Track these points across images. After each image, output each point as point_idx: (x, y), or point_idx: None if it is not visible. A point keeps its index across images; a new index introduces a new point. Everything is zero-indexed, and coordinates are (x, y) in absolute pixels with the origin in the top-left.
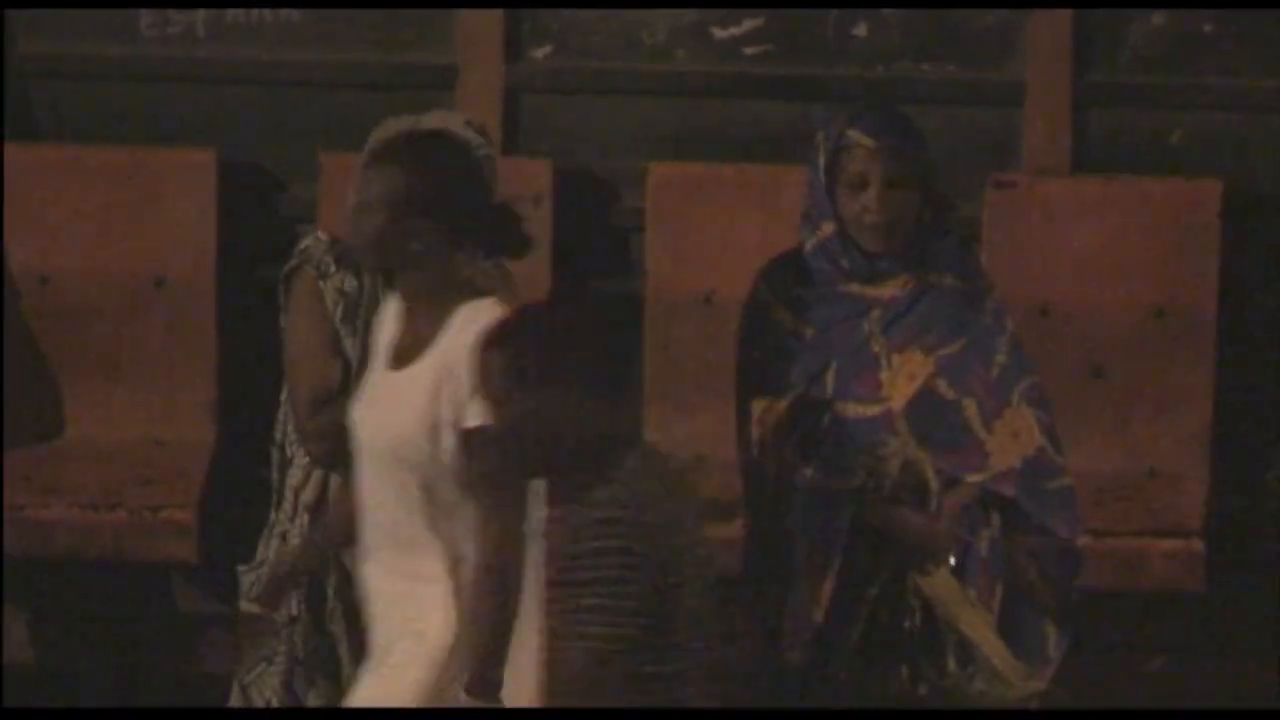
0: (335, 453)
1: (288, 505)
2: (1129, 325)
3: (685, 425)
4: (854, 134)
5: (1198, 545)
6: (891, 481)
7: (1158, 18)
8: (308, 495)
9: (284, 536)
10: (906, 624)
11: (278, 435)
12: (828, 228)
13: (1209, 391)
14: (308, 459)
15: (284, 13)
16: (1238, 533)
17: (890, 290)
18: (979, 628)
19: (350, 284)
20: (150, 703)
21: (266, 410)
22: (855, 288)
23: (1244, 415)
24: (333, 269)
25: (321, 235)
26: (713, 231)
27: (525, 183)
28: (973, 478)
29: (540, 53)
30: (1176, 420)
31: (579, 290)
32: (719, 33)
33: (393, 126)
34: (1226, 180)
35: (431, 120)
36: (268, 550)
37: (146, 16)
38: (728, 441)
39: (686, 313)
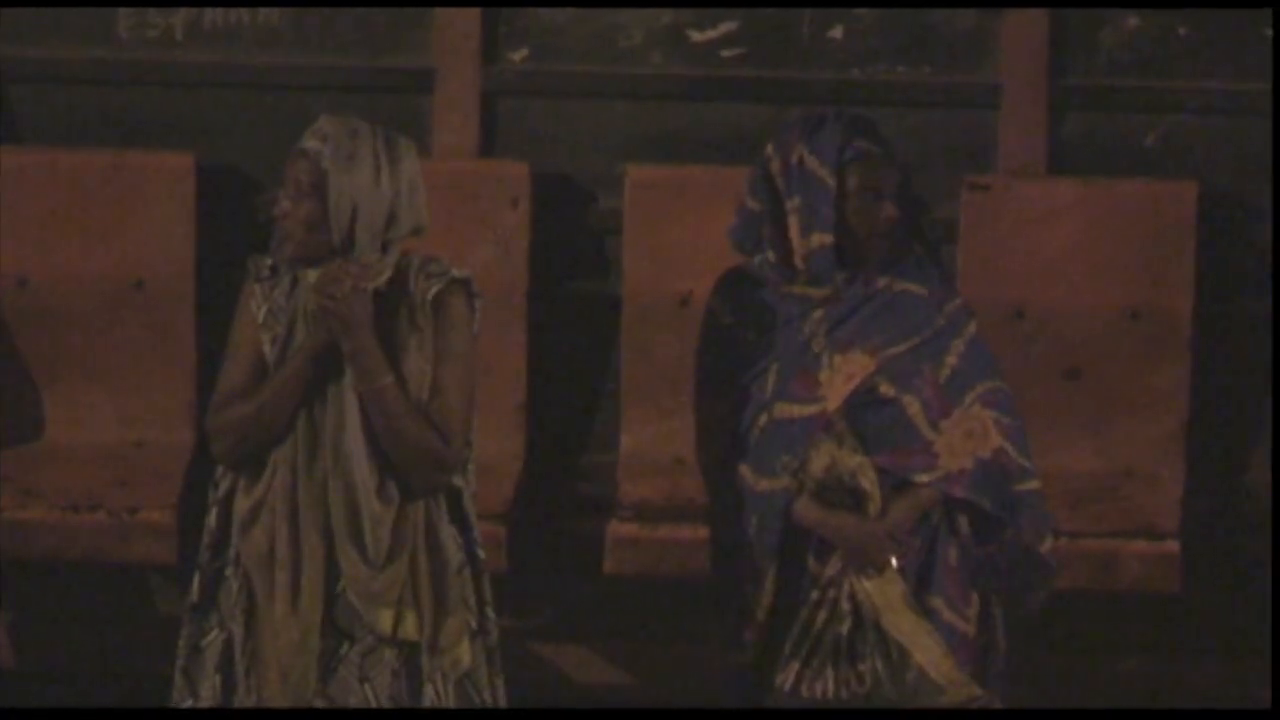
0: (234, 453)
1: (210, 496)
2: (1104, 327)
3: (662, 427)
4: (863, 144)
5: (1173, 546)
6: (815, 482)
7: (1133, 20)
8: (221, 488)
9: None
10: (837, 629)
11: None
12: (824, 239)
13: (1184, 393)
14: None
15: (262, 16)
16: (1213, 534)
17: (836, 291)
18: (913, 633)
19: (279, 290)
20: (129, 704)
21: None
22: (799, 289)
23: (1220, 416)
24: (266, 273)
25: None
26: (690, 234)
27: (502, 185)
28: (921, 478)
29: (517, 56)
30: (1152, 421)
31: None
32: (695, 36)
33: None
34: (1202, 182)
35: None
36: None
37: (125, 19)
38: None
39: (663, 315)
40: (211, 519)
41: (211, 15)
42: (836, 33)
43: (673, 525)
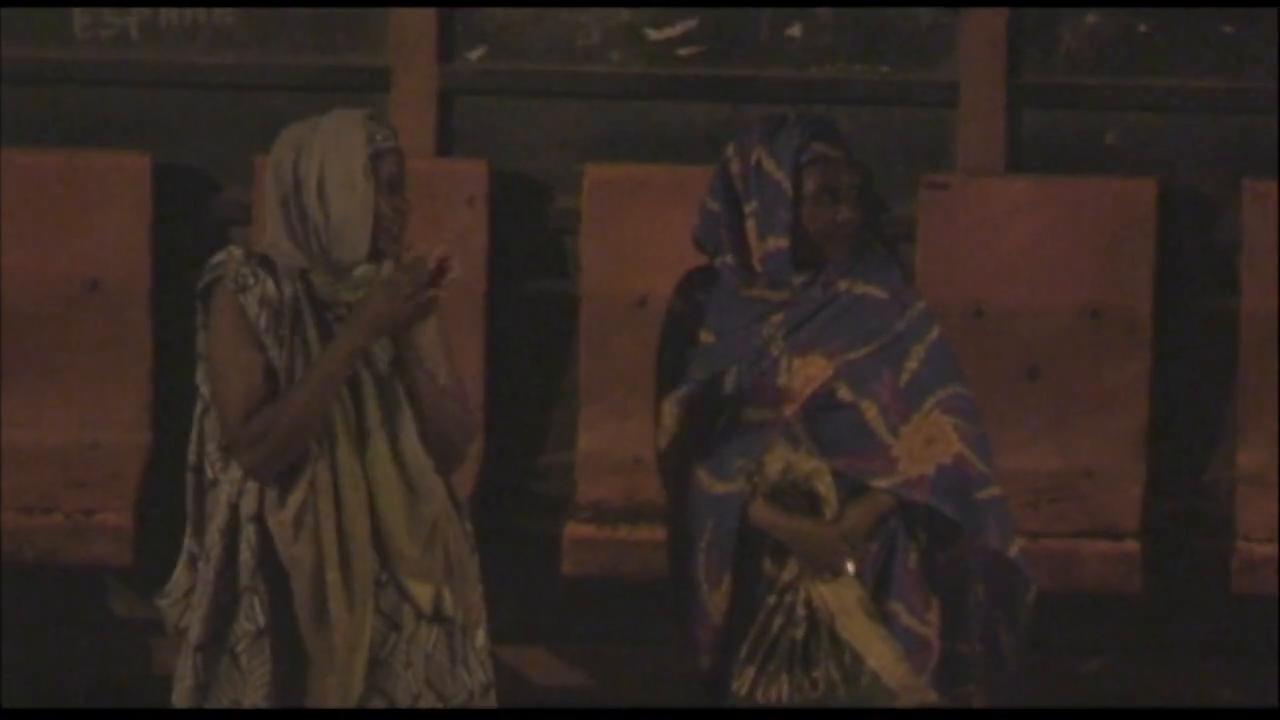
0: (277, 458)
1: (222, 519)
2: (1064, 326)
3: (620, 427)
4: (821, 147)
5: (1134, 546)
6: (770, 485)
7: (1092, 18)
8: (248, 506)
9: (229, 550)
10: (792, 634)
11: (192, 458)
12: (779, 242)
13: (1145, 392)
14: (240, 471)
15: (218, 15)
16: (1174, 534)
17: (794, 294)
18: (868, 638)
19: (272, 294)
20: (84, 707)
21: None
22: (758, 292)
23: (1180, 415)
24: (251, 281)
25: (234, 250)
26: (648, 233)
27: (460, 184)
28: (879, 483)
29: (474, 54)
30: (1112, 421)
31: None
32: (653, 34)
33: (295, 128)
34: (1161, 180)
35: (331, 119)
36: (190, 578)
37: (80, 18)
38: None
39: (621, 314)
40: (244, 544)
41: (167, 15)
42: (795, 31)
43: (631, 526)
